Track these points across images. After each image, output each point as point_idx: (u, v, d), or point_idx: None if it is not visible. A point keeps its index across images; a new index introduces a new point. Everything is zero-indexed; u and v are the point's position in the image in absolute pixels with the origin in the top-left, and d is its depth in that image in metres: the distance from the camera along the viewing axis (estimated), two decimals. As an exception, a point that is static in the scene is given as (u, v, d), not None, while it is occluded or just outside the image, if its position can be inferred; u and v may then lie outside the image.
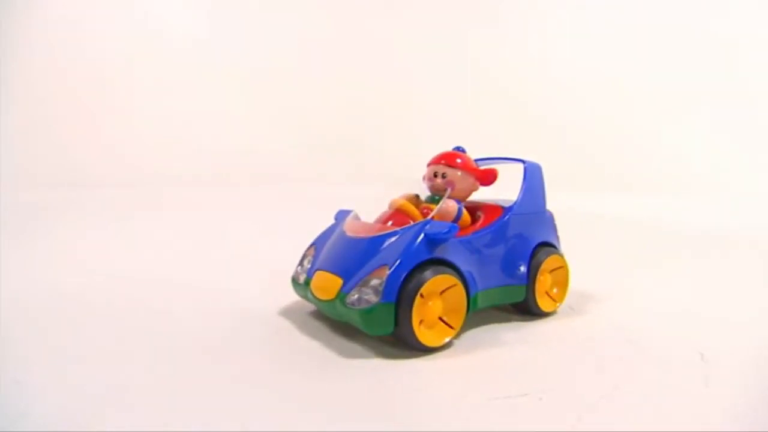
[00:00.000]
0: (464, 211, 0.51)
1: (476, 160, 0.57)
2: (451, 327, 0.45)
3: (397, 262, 0.43)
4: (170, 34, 2.24)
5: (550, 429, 0.33)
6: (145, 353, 0.44)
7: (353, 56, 2.32)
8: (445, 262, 0.45)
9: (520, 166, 0.56)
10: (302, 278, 0.51)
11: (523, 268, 0.51)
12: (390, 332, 0.43)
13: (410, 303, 0.42)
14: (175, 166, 2.02)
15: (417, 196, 0.54)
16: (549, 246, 0.55)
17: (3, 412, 0.34)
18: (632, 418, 0.34)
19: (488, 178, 0.54)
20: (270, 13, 2.34)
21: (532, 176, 0.56)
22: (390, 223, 0.49)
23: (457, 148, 0.54)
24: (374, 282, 0.43)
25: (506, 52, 2.27)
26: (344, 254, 0.48)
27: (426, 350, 0.44)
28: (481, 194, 0.55)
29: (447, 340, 0.45)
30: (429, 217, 0.49)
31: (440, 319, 0.45)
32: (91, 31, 2.13)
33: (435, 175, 0.52)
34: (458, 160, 0.53)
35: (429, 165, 0.54)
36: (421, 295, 0.43)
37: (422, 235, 0.44)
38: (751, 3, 2.01)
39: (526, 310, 0.53)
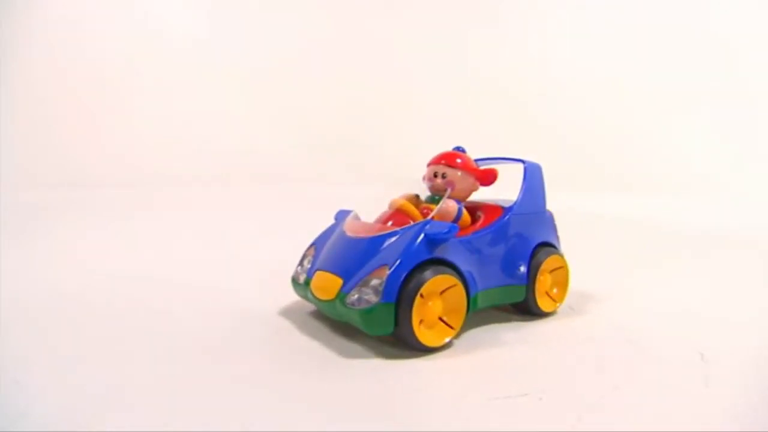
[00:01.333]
0: (464, 211, 0.51)
1: (476, 160, 0.57)
2: (451, 327, 0.45)
3: (397, 262, 0.43)
4: (170, 34, 2.24)
5: (550, 429, 0.33)
6: (145, 353, 0.44)
7: (353, 56, 2.32)
8: (445, 262, 0.45)
9: (520, 166, 0.56)
10: (302, 278, 0.51)
11: (523, 268, 0.51)
12: (390, 332, 0.43)
13: (410, 303, 0.42)
14: (175, 166, 2.01)
15: (417, 196, 0.55)
16: (549, 246, 0.55)
17: (3, 412, 0.34)
18: (632, 418, 0.34)
19: (488, 178, 0.54)
20: (270, 13, 2.34)
21: (532, 176, 0.56)
22: (390, 223, 0.49)
23: (457, 148, 0.54)
24: (374, 282, 0.43)
25: (506, 52, 2.27)
26: (344, 254, 0.48)
27: (426, 350, 0.44)
28: (481, 194, 0.55)
29: (447, 340, 0.45)
30: (429, 217, 0.49)
31: (440, 319, 0.45)
32: (91, 31, 2.13)
33: (435, 175, 0.52)
34: (458, 160, 0.53)
35: (429, 165, 0.54)
36: (421, 295, 0.43)
37: (422, 235, 0.44)
38: (751, 3, 2.01)
39: (526, 310, 0.53)
